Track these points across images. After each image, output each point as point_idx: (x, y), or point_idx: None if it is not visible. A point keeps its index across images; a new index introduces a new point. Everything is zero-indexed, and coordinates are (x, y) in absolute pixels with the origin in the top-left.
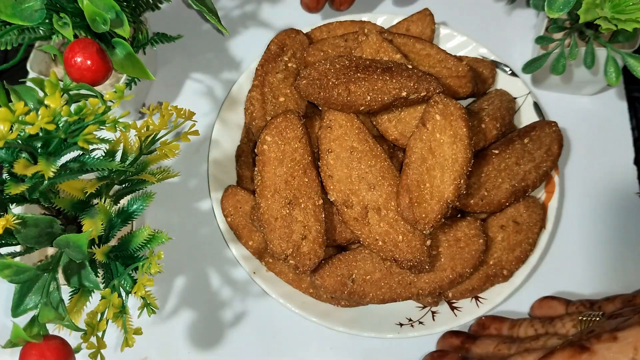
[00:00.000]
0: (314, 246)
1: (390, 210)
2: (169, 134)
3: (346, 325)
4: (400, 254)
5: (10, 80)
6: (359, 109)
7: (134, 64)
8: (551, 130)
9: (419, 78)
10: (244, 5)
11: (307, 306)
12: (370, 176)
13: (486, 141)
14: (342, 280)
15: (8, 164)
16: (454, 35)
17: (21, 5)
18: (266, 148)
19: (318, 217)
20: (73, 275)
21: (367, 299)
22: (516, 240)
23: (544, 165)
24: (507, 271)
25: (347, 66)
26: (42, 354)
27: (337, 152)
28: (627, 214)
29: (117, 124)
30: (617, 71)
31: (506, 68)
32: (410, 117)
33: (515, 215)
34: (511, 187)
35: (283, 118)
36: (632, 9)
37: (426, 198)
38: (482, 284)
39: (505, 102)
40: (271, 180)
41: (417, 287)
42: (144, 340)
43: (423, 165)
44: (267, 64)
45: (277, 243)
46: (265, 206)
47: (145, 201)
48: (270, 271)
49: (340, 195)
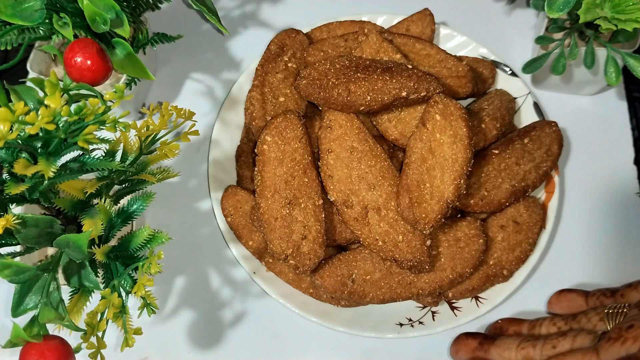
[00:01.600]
0: (314, 246)
1: (390, 210)
2: (169, 134)
3: (346, 325)
4: (400, 254)
5: (10, 80)
6: (359, 109)
7: (134, 64)
8: (551, 130)
9: (419, 78)
10: (244, 5)
11: (307, 306)
12: (370, 176)
13: (486, 141)
14: (342, 280)
15: (8, 164)
16: (454, 35)
17: (21, 5)
18: (266, 148)
19: (318, 217)
20: (73, 275)
21: (367, 299)
22: (516, 240)
23: (544, 165)
24: (507, 271)
25: (347, 66)
26: (42, 354)
27: (337, 152)
28: (627, 214)
29: (117, 124)
30: (617, 71)
31: (506, 68)
32: (410, 117)
33: (515, 215)
34: (511, 187)
35: (283, 118)
36: (632, 9)
37: (426, 198)
38: (482, 284)
39: (505, 102)
40: (271, 180)
41: (417, 287)
42: (144, 340)
43: (423, 165)
44: (267, 64)
45: (277, 243)
46: (265, 206)
47: (145, 201)
48: (270, 271)
49: (340, 195)
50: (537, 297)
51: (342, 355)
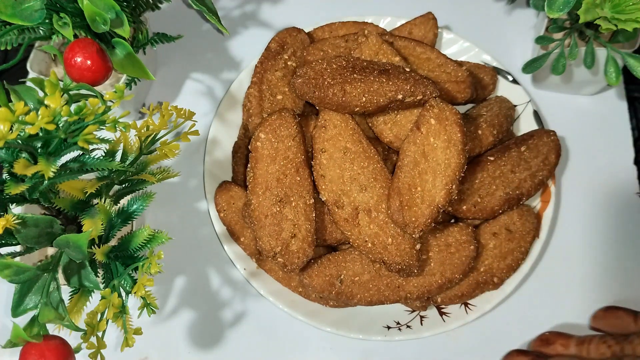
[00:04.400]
0: (303, 245)
1: (380, 212)
2: (169, 134)
3: (333, 326)
4: (389, 256)
5: (10, 80)
6: (353, 109)
7: (134, 64)
8: (549, 139)
9: (416, 81)
10: (244, 5)
11: (296, 305)
12: (363, 177)
13: (482, 147)
14: (331, 281)
15: (8, 164)
16: (457, 40)
17: (21, 5)
18: (259, 145)
19: (308, 216)
20: (73, 275)
21: (355, 300)
22: (508, 248)
23: (540, 174)
24: (497, 279)
25: (344, 66)
26: (42, 354)
27: (330, 152)
28: (627, 214)
29: (117, 124)
30: (617, 71)
31: (508, 75)
32: (406, 120)
33: (509, 223)
34: (505, 194)
35: (278, 116)
36: (632, 9)
37: (417, 202)
38: (471, 291)
39: (504, 109)
40: (263, 178)
41: (406, 290)
42: (144, 340)
43: (415, 169)
44: (267, 62)
45: (266, 240)
46: (256, 203)
47: (145, 201)
48: (260, 268)
49: (332, 195)
50: (529, 305)
51: (342, 355)
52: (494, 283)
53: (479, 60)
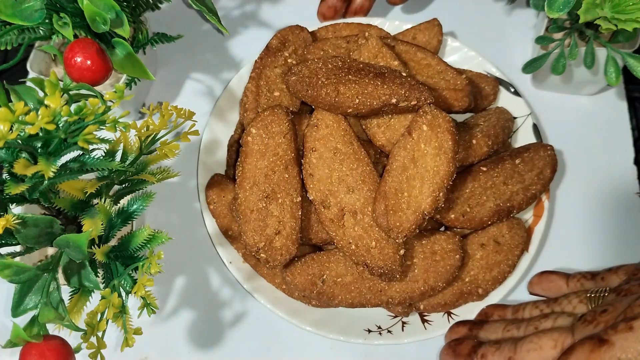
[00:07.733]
0: (286, 242)
1: (366, 215)
2: (169, 134)
3: (314, 325)
4: (371, 259)
5: (10, 80)
6: (346, 110)
7: (134, 64)
8: (546, 154)
9: (411, 86)
10: (244, 5)
11: (279, 302)
12: (351, 179)
13: (475, 157)
14: (313, 280)
15: (8, 164)
16: (462, 48)
17: (21, 5)
18: (250, 140)
19: (294, 214)
20: (73, 275)
21: (336, 301)
22: (495, 260)
23: (533, 187)
24: (482, 290)
25: (339, 67)
26: (42, 354)
27: (320, 151)
28: (627, 214)
29: (117, 124)
30: (617, 71)
31: (510, 87)
32: (399, 125)
33: (497, 235)
34: (495, 206)
35: (270, 112)
36: (632, 9)
37: (402, 207)
38: (455, 300)
39: (502, 120)
40: (251, 172)
41: (388, 295)
42: (144, 340)
43: (403, 174)
44: (267, 58)
45: (250, 235)
46: (242, 197)
47: (145, 201)
48: (246, 262)
49: (319, 195)
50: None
51: (342, 355)
52: (478, 294)
53: (482, 70)
